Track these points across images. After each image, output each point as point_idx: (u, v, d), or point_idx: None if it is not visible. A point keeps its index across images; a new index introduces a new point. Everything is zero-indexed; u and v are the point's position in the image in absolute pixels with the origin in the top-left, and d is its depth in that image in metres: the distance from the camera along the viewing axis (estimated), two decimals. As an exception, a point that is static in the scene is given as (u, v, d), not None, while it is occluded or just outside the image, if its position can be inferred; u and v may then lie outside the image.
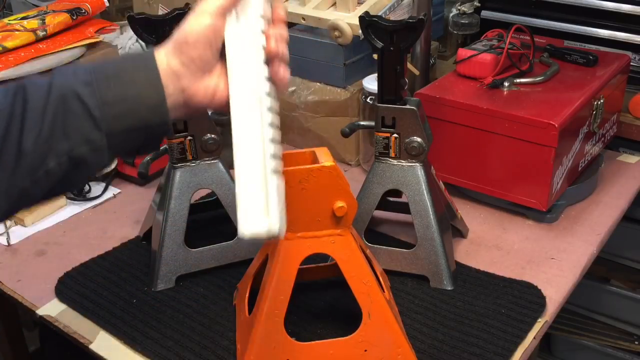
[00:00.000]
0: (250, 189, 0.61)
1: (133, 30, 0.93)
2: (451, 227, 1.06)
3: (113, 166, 1.29)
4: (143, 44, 1.47)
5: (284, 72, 0.71)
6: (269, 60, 0.69)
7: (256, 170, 0.62)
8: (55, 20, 1.39)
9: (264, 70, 0.67)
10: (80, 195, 1.26)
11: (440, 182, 1.05)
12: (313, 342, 0.84)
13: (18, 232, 1.17)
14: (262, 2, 0.68)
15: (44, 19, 1.39)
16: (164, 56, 0.66)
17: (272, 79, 0.69)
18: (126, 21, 1.13)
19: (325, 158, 0.80)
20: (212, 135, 1.00)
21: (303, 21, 1.32)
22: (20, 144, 0.61)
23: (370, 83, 1.21)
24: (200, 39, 0.66)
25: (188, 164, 1.01)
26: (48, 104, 0.61)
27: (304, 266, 0.83)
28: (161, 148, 1.07)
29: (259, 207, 0.60)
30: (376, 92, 1.01)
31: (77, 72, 0.64)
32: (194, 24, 0.66)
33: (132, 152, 0.69)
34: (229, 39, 0.67)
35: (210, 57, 0.67)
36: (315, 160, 0.81)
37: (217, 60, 0.68)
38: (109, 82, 0.63)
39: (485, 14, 1.47)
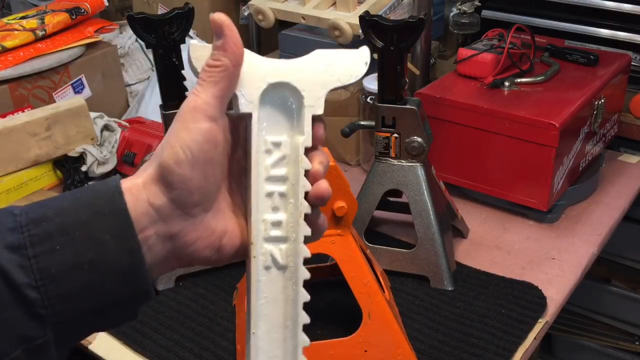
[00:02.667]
0: None
1: (132, 30, 0.92)
2: (451, 227, 1.05)
3: (112, 166, 1.29)
4: (142, 43, 1.47)
5: (323, 220, 0.50)
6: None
7: (276, 350, 0.49)
8: (55, 20, 1.39)
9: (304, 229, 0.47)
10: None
11: (441, 182, 1.05)
12: (313, 342, 0.84)
13: (17, 232, 1.17)
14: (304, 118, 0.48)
15: (43, 19, 1.39)
16: (143, 190, 0.44)
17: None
18: (125, 21, 1.13)
19: (325, 158, 0.79)
20: (212, 135, 1.00)
21: (303, 21, 1.31)
22: None
23: (370, 83, 1.21)
24: (197, 158, 0.44)
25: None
26: None
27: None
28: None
29: None
30: (376, 91, 1.01)
31: (11, 235, 0.41)
32: (186, 136, 0.43)
33: (98, 331, 0.47)
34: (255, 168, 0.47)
35: (212, 186, 0.45)
36: (315, 160, 0.81)
37: (219, 189, 0.47)
38: (51, 242, 0.41)
39: (485, 13, 1.47)
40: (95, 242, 0.41)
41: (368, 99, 1.23)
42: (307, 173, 0.47)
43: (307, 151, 0.47)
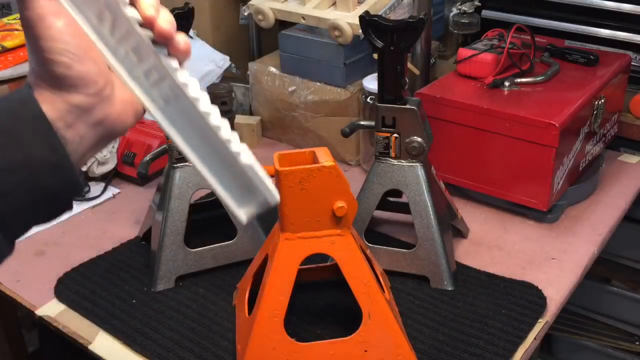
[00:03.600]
0: (224, 179, 0.54)
1: (132, 30, 0.92)
2: (451, 227, 1.05)
3: (112, 166, 1.29)
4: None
5: (184, 41, 0.52)
6: (164, 42, 0.51)
7: (221, 165, 0.53)
8: (55, 20, 1.39)
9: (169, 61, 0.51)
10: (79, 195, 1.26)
11: (441, 182, 1.05)
12: (313, 342, 0.84)
13: (17, 232, 1.17)
14: None
15: (44, 19, 1.39)
16: (55, 97, 0.48)
17: (174, 54, 0.51)
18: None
19: (325, 158, 0.79)
20: (212, 135, 0.99)
21: (303, 21, 1.31)
22: None
23: (370, 83, 1.21)
24: (77, 52, 0.47)
25: (188, 163, 1.00)
26: None
27: (304, 266, 0.83)
28: (161, 148, 1.06)
29: (240, 192, 0.54)
30: (376, 91, 1.01)
31: None
32: (53, 44, 0.47)
33: (39, 224, 0.51)
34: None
35: (104, 63, 0.49)
36: (315, 160, 0.81)
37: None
38: None
39: (485, 13, 1.47)
40: (21, 145, 0.46)
41: (368, 99, 1.23)
42: (143, 21, 0.50)
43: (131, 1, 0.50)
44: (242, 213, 0.52)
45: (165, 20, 0.49)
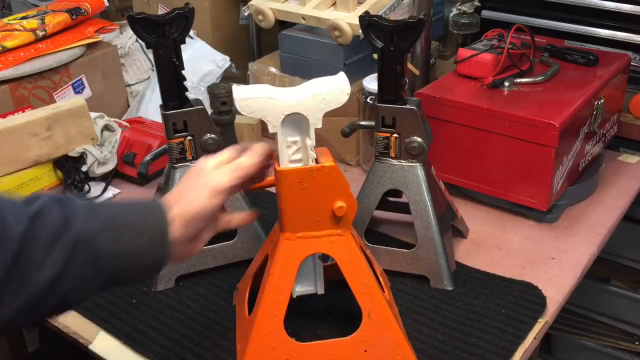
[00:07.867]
0: None
1: (133, 30, 0.93)
2: (451, 227, 1.05)
3: (113, 166, 1.29)
4: (143, 43, 1.47)
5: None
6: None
7: None
8: (55, 20, 1.39)
9: None
10: (79, 195, 1.26)
11: (441, 182, 1.05)
12: (313, 342, 0.84)
13: (17, 232, 1.17)
14: None
15: (44, 19, 1.39)
16: (171, 220, 0.69)
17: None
18: (126, 21, 1.13)
19: (325, 158, 0.80)
20: (212, 135, 1.00)
21: (303, 21, 1.31)
22: (23, 281, 0.57)
23: (370, 83, 1.21)
24: (207, 216, 0.71)
25: (188, 164, 1.00)
26: (61, 246, 0.59)
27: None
28: (161, 148, 1.07)
29: None
30: (376, 92, 1.01)
31: (97, 214, 0.64)
32: (208, 204, 0.71)
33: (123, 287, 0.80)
34: None
35: (205, 227, 0.73)
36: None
37: None
38: (126, 232, 0.65)
39: (485, 13, 1.47)
40: (146, 239, 0.67)
41: (368, 99, 1.23)
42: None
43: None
44: None
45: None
